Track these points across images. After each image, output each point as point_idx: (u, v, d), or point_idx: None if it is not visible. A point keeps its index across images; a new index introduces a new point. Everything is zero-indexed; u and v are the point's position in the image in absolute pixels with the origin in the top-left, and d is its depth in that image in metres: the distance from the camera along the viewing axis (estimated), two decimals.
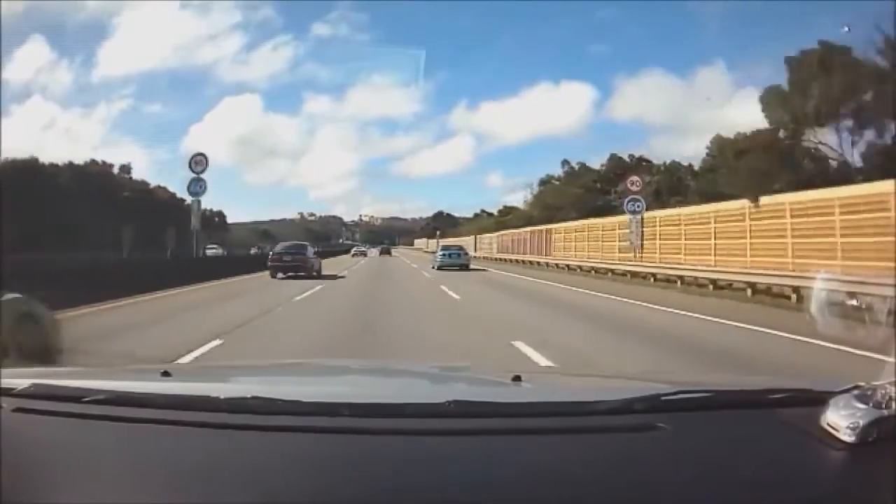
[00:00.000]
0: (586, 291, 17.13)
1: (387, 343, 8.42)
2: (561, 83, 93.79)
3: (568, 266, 27.67)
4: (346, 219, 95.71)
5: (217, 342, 8.10)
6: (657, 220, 23.42)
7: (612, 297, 15.24)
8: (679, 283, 18.36)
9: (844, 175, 24.53)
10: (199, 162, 28.13)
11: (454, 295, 15.77)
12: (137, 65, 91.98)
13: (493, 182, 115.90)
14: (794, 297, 13.06)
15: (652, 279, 20.06)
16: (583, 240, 29.72)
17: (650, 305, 13.23)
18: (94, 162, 51.59)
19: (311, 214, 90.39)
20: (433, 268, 28.89)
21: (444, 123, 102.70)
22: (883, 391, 1.15)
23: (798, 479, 1.10)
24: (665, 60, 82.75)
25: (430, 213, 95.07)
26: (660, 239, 22.74)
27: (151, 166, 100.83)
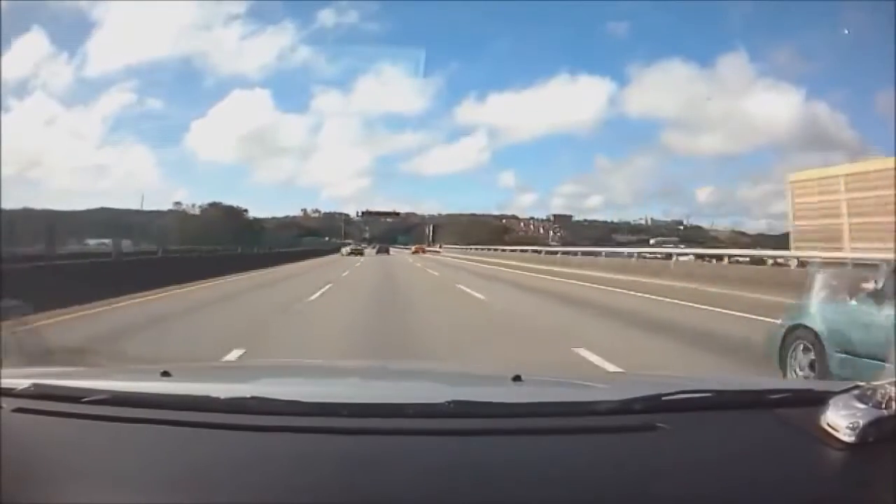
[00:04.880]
0: None
1: None
2: (574, 78, 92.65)
3: None
4: (355, 216, 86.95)
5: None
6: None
7: None
8: None
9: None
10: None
11: None
12: (140, 62, 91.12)
13: (505, 181, 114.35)
14: None
15: None
16: None
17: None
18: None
19: (316, 211, 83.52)
20: None
21: (456, 121, 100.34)
22: (883, 391, 1.15)
23: (798, 479, 1.10)
24: (683, 50, 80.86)
25: (443, 213, 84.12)
26: None
27: (158, 167, 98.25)
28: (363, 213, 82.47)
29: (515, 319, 10.51)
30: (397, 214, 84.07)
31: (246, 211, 66.44)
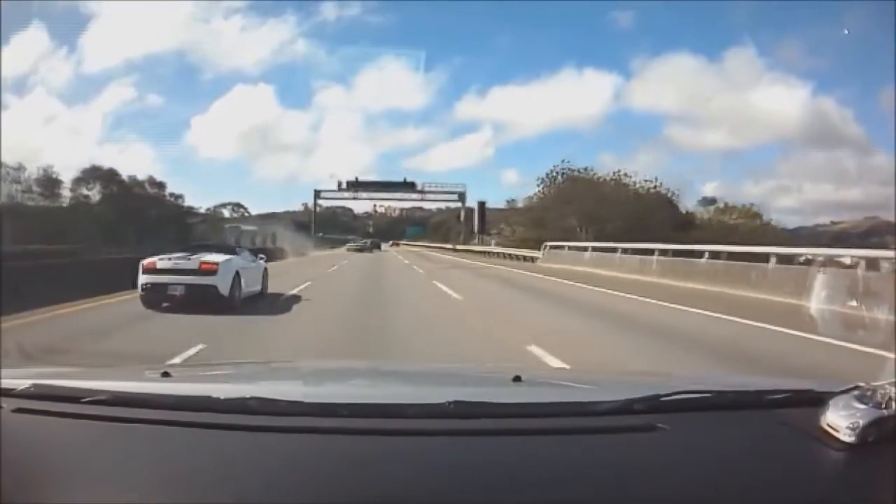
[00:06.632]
0: None
1: None
2: (579, 72, 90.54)
3: None
4: (359, 210, 76.38)
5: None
6: None
7: None
8: None
9: None
10: None
11: None
12: (140, 57, 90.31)
13: (508, 178, 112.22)
14: None
15: None
16: None
17: None
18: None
19: (317, 206, 68.60)
20: None
21: (460, 117, 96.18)
22: (883, 391, 1.15)
23: (798, 479, 1.10)
24: (689, 43, 78.50)
25: (452, 206, 61.40)
26: None
27: (157, 163, 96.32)
28: (349, 183, 55.79)
29: None
30: (412, 185, 56.21)
31: (161, 184, 45.29)
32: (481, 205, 53.64)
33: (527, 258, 29.73)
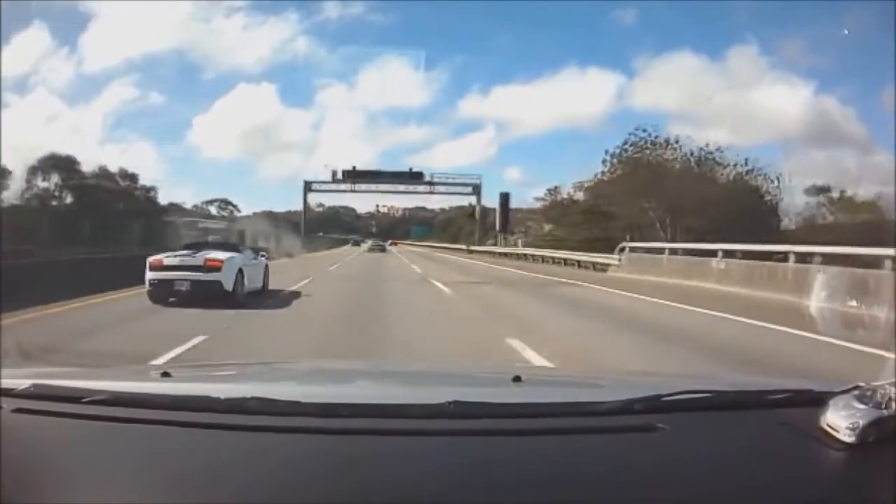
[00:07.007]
0: None
1: None
2: (582, 71, 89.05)
3: None
4: (361, 210, 75.59)
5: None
6: None
7: None
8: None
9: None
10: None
11: None
12: (142, 57, 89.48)
13: (511, 176, 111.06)
14: None
15: None
16: None
17: None
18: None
19: (320, 205, 62.93)
20: None
21: (462, 115, 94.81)
22: (882, 391, 1.15)
23: (798, 479, 1.10)
24: (693, 42, 77.50)
25: (456, 204, 55.64)
26: None
27: (161, 163, 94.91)
28: (345, 173, 48.03)
29: None
30: (419, 176, 48.22)
31: (134, 176, 38.57)
32: (504, 197, 44.62)
33: (583, 264, 21.73)
